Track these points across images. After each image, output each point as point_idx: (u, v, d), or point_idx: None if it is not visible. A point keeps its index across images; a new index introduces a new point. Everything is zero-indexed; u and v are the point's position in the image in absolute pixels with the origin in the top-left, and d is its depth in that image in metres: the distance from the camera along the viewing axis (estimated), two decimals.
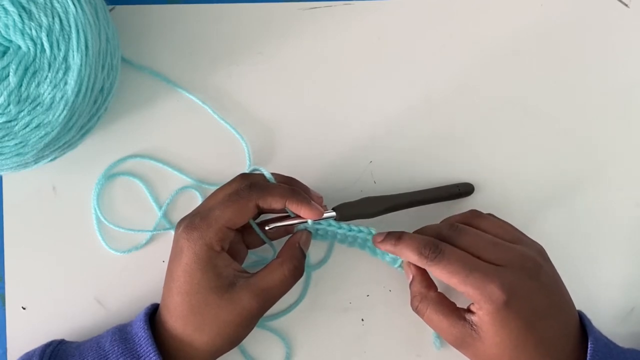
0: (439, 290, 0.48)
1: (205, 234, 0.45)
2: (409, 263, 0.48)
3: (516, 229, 0.48)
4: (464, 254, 0.44)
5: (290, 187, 0.48)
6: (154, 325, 0.47)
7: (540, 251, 0.47)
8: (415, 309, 0.48)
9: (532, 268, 0.44)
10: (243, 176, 0.48)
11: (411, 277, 0.48)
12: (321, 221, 0.48)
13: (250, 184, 0.47)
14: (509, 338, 0.43)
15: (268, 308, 0.47)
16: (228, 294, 0.45)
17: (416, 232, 0.48)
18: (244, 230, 0.49)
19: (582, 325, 0.47)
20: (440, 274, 0.44)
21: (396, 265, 0.49)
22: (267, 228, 0.49)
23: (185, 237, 0.45)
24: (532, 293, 0.44)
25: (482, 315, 0.44)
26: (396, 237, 0.47)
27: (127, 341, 0.45)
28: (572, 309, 0.47)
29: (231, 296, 0.45)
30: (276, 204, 0.46)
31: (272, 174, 0.48)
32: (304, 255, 0.48)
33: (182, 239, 0.45)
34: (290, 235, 0.49)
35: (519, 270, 0.44)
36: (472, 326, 0.44)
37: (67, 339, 0.51)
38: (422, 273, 0.48)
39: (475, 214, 0.49)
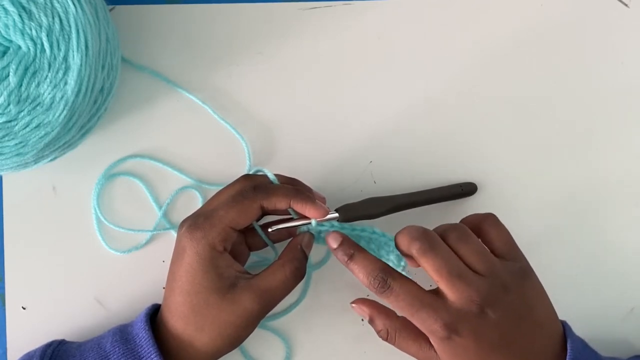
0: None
1: (208, 233, 0.45)
2: (361, 303, 0.48)
3: (509, 242, 0.47)
4: (414, 288, 0.44)
5: (294, 187, 0.48)
6: (155, 326, 0.47)
7: (518, 270, 0.45)
8: (386, 340, 0.47)
9: (500, 290, 0.44)
10: (247, 177, 0.48)
11: (367, 316, 0.47)
12: (324, 222, 0.48)
13: (254, 185, 0.47)
14: (492, 339, 0.43)
15: (269, 309, 0.46)
16: (229, 294, 0.45)
17: (401, 231, 0.47)
18: (247, 232, 0.49)
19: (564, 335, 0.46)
20: (390, 306, 0.45)
21: (400, 268, 0.48)
22: (270, 230, 0.48)
23: (188, 237, 0.45)
24: (480, 328, 0.43)
25: (435, 345, 0.44)
26: (349, 254, 0.46)
27: (128, 342, 0.45)
28: (554, 322, 0.46)
29: (232, 297, 0.45)
30: (280, 204, 0.46)
31: (275, 175, 0.48)
32: (305, 257, 0.48)
33: (185, 239, 0.45)
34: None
35: (496, 285, 0.44)
36: (435, 351, 0.45)
37: (67, 339, 0.51)
38: (381, 309, 0.47)
39: (491, 220, 0.48)
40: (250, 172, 0.50)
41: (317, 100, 0.55)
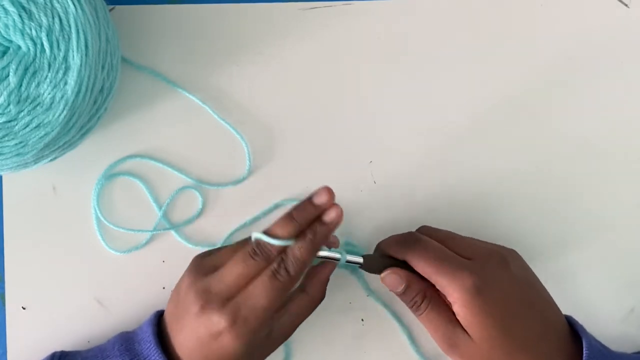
0: None
1: (257, 329, 0.43)
2: (397, 271, 0.48)
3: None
4: (440, 246, 0.47)
5: (309, 236, 0.44)
6: (162, 342, 0.46)
7: (511, 251, 0.48)
8: (419, 307, 0.47)
9: (501, 261, 0.46)
10: (263, 250, 0.43)
11: (403, 285, 0.47)
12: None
13: (281, 259, 0.43)
14: (494, 327, 0.44)
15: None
16: (266, 342, 0.45)
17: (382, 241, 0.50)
18: None
19: (574, 330, 0.47)
20: (417, 261, 0.46)
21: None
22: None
23: (232, 330, 0.42)
24: (503, 282, 0.45)
25: (460, 309, 0.44)
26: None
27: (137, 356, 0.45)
28: (554, 307, 0.47)
29: (269, 342, 0.46)
30: (310, 261, 0.44)
31: (279, 226, 0.44)
32: (326, 286, 0.49)
33: (223, 328, 0.42)
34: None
35: (489, 262, 0.46)
36: (461, 325, 0.45)
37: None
38: (415, 275, 0.48)
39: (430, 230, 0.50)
40: (252, 240, 0.44)
41: (317, 100, 0.55)
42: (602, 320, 0.53)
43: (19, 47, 0.45)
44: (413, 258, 0.46)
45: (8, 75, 0.44)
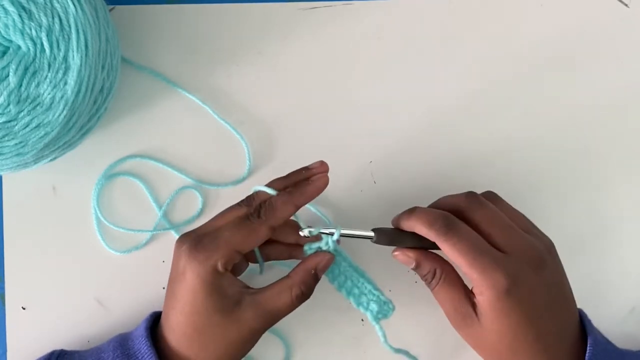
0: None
1: (211, 256, 0.44)
2: (408, 250, 0.46)
3: (528, 220, 0.48)
4: (476, 236, 0.44)
5: (290, 190, 0.46)
6: (156, 338, 0.46)
7: (549, 245, 0.46)
8: (430, 281, 0.46)
9: (538, 261, 0.44)
10: (250, 198, 0.47)
11: (414, 262, 0.46)
12: (323, 243, 0.47)
13: (259, 205, 0.45)
14: (509, 328, 0.43)
15: (272, 325, 0.46)
16: (234, 314, 0.44)
17: (434, 202, 0.48)
18: None
19: (582, 325, 0.47)
20: (449, 251, 0.44)
21: (377, 319, 0.47)
22: (301, 233, 0.47)
23: (190, 258, 0.44)
24: (534, 286, 0.44)
25: (482, 302, 0.44)
26: (409, 211, 0.46)
27: (130, 357, 0.45)
28: (573, 307, 0.47)
29: (237, 316, 0.44)
30: (287, 211, 0.45)
31: (271, 182, 0.47)
32: (316, 281, 0.46)
33: (186, 259, 0.44)
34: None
35: (524, 261, 0.44)
36: (475, 309, 0.44)
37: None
38: (427, 253, 0.47)
39: (492, 195, 0.48)
40: (252, 192, 0.48)
41: (317, 100, 0.55)
42: (603, 319, 0.53)
43: (19, 47, 0.45)
44: (445, 246, 0.44)
45: (8, 75, 0.44)
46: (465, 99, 0.55)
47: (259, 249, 0.48)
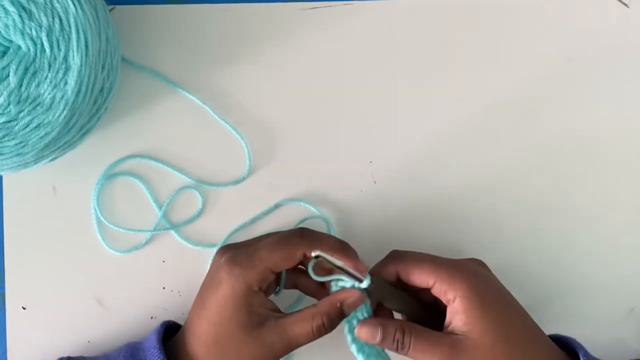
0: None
1: (247, 272, 0.44)
2: (366, 321, 0.46)
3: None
4: (424, 253, 0.47)
5: (342, 241, 0.46)
6: (170, 344, 0.46)
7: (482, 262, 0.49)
8: (402, 344, 0.45)
9: (481, 264, 0.48)
10: (301, 228, 0.47)
11: (380, 333, 0.45)
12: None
13: (302, 232, 0.46)
14: (494, 319, 0.44)
15: (290, 352, 0.46)
16: (255, 332, 0.44)
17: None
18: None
19: (562, 344, 0.47)
20: (410, 271, 0.46)
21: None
22: (313, 255, 0.45)
23: (227, 270, 0.45)
24: (494, 280, 0.47)
25: (459, 303, 0.44)
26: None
27: None
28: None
29: (258, 335, 0.44)
30: (327, 241, 0.45)
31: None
32: (340, 317, 0.45)
33: (223, 271, 0.45)
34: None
35: (471, 264, 0.47)
36: (458, 332, 0.44)
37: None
38: (389, 318, 0.48)
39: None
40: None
41: (317, 100, 0.55)
42: (602, 320, 0.53)
43: (19, 47, 0.45)
44: (406, 268, 0.46)
45: (8, 75, 0.44)
46: (466, 99, 0.55)
47: (286, 272, 0.48)
